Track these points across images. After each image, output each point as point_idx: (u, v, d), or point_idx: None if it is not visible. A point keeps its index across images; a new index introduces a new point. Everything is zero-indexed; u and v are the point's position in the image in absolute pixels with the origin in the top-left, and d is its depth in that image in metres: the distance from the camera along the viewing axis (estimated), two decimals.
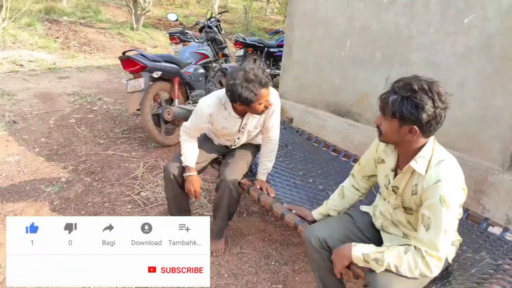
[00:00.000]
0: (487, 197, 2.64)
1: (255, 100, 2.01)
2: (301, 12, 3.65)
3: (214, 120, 2.25)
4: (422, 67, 2.85)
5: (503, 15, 2.42)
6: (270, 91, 2.09)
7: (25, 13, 8.43)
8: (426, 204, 1.42)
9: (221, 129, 2.31)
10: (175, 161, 2.35)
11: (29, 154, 3.47)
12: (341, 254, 1.58)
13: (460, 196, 1.42)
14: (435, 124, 1.37)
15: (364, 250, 1.51)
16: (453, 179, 1.40)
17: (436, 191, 1.38)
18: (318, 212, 1.97)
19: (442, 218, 1.37)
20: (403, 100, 1.35)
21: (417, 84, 1.34)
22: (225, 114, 2.22)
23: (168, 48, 8.54)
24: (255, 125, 2.33)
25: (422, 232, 1.42)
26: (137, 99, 3.58)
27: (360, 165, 1.85)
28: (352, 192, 1.90)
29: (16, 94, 4.94)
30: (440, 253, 1.39)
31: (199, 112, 2.21)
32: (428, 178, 1.41)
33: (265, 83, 2.01)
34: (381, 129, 1.49)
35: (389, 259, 1.43)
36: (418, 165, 1.44)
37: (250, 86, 1.97)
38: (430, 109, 1.33)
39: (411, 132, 1.39)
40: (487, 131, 2.60)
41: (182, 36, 5.33)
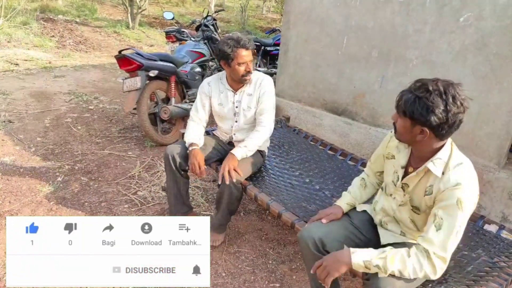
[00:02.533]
0: (483, 194, 2.65)
1: (234, 57, 2.23)
2: (298, 10, 3.65)
3: (212, 94, 2.46)
4: (418, 65, 2.86)
5: (499, 13, 2.44)
6: (250, 55, 2.27)
7: (20, 11, 8.38)
8: (441, 205, 1.40)
9: (218, 106, 2.47)
10: (177, 144, 2.47)
11: (25, 153, 3.45)
12: (338, 261, 1.48)
13: (475, 201, 1.41)
14: (447, 128, 1.34)
15: (365, 257, 1.43)
16: (472, 184, 1.39)
17: (454, 194, 1.37)
18: (345, 203, 1.83)
19: (456, 220, 1.36)
20: (416, 100, 1.33)
21: (432, 85, 1.32)
22: (221, 87, 2.45)
23: (164, 47, 8.52)
24: (248, 104, 2.41)
25: (432, 232, 1.39)
26: (134, 98, 3.57)
27: (371, 161, 1.86)
28: (372, 184, 1.89)
29: (11, 93, 4.91)
30: (447, 254, 1.39)
31: (200, 87, 2.50)
32: (447, 180, 1.40)
33: (243, 44, 2.23)
34: (396, 126, 1.48)
35: (393, 266, 1.39)
36: (435, 167, 1.43)
37: (230, 42, 2.24)
38: (441, 112, 1.30)
39: (423, 133, 1.38)
40: (483, 129, 2.61)
41: (178, 34, 5.31)
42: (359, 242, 1.75)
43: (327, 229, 1.71)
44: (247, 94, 2.42)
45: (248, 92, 2.42)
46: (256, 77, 2.43)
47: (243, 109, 2.44)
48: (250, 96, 2.42)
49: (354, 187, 1.89)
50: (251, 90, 2.41)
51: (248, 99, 2.42)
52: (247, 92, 2.42)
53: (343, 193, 1.89)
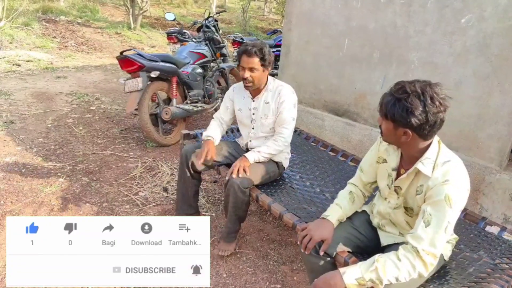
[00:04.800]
0: (485, 196, 2.65)
1: (239, 61, 2.30)
2: (299, 11, 3.65)
3: (235, 98, 2.52)
4: (420, 67, 2.86)
5: (500, 14, 2.43)
6: (250, 62, 2.26)
7: (22, 12, 8.40)
8: (430, 201, 1.41)
9: (237, 111, 2.52)
10: (194, 144, 2.56)
11: (26, 154, 3.46)
12: (331, 285, 1.42)
13: (465, 197, 1.41)
14: (429, 128, 1.35)
15: (356, 275, 1.39)
16: (460, 179, 1.39)
17: (442, 190, 1.37)
18: (336, 219, 1.72)
19: (445, 216, 1.36)
20: (395, 103, 1.35)
21: (410, 87, 1.33)
22: (243, 93, 2.49)
23: (166, 48, 8.54)
24: (265, 112, 2.40)
25: (421, 228, 1.40)
26: (135, 99, 3.58)
27: (363, 171, 1.79)
28: (359, 197, 1.82)
29: (13, 94, 4.92)
30: (436, 250, 1.38)
31: (227, 91, 2.59)
32: (435, 177, 1.41)
33: (246, 50, 2.26)
34: (381, 128, 1.49)
35: (387, 275, 1.37)
36: (425, 167, 1.43)
37: (241, 47, 2.31)
38: (420, 113, 1.31)
39: (406, 134, 1.39)
40: (485, 130, 2.61)
41: (180, 35, 5.32)
42: (359, 243, 1.74)
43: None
44: (265, 102, 2.39)
45: (266, 100, 2.39)
46: (276, 85, 2.40)
47: (260, 117, 2.42)
48: (268, 104, 2.38)
49: (344, 201, 1.77)
50: (269, 98, 2.39)
51: (265, 107, 2.39)
52: (264, 100, 2.39)
53: (333, 206, 1.77)
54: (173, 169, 3.41)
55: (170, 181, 3.22)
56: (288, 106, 2.34)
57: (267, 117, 2.40)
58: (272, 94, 2.38)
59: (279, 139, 2.36)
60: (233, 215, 2.30)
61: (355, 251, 1.74)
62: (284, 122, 2.36)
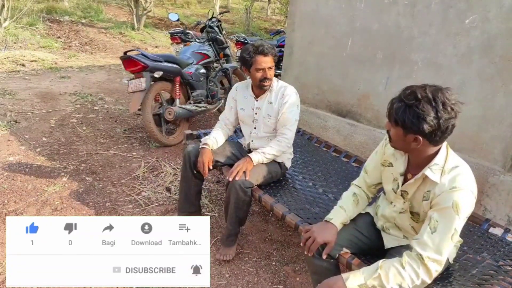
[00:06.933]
0: (488, 198, 2.63)
1: (252, 63, 2.27)
2: (302, 12, 3.65)
3: (238, 97, 2.52)
4: (423, 68, 2.85)
5: (505, 15, 2.42)
6: (268, 61, 2.27)
7: (26, 12, 8.44)
8: (437, 207, 1.39)
9: (240, 110, 2.51)
10: (196, 144, 2.53)
11: (30, 153, 3.47)
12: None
13: (472, 203, 1.38)
14: (440, 134, 1.32)
15: (359, 281, 1.40)
16: (468, 186, 1.37)
17: (449, 196, 1.35)
18: (340, 223, 1.71)
19: (452, 223, 1.34)
20: (406, 109, 1.31)
21: (421, 93, 1.29)
22: (246, 93, 2.49)
23: (169, 48, 8.55)
24: (268, 112, 2.40)
25: (427, 235, 1.37)
26: (138, 99, 3.59)
27: (367, 173, 1.78)
28: (363, 198, 1.81)
29: (17, 93, 4.95)
30: (442, 258, 1.37)
31: (230, 91, 2.60)
32: (442, 184, 1.39)
33: (262, 50, 2.25)
34: (389, 134, 1.46)
35: (390, 283, 1.36)
36: (433, 174, 1.41)
37: (250, 48, 2.28)
38: (432, 120, 1.28)
39: (416, 141, 1.35)
40: (488, 131, 2.59)
41: (183, 36, 5.33)
42: (363, 245, 1.73)
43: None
44: (268, 102, 2.40)
45: (269, 100, 2.40)
46: (279, 85, 2.41)
47: (263, 117, 2.42)
48: (271, 105, 2.39)
49: (348, 203, 1.76)
50: (272, 98, 2.39)
51: (269, 107, 2.40)
52: (268, 100, 2.40)
53: (337, 208, 1.75)
54: (176, 169, 3.42)
55: (173, 181, 3.22)
56: (291, 107, 2.34)
57: (270, 117, 2.40)
58: (276, 95, 2.38)
59: (282, 140, 2.36)
60: (234, 215, 2.28)
61: (358, 253, 1.74)
62: (287, 123, 2.35)
